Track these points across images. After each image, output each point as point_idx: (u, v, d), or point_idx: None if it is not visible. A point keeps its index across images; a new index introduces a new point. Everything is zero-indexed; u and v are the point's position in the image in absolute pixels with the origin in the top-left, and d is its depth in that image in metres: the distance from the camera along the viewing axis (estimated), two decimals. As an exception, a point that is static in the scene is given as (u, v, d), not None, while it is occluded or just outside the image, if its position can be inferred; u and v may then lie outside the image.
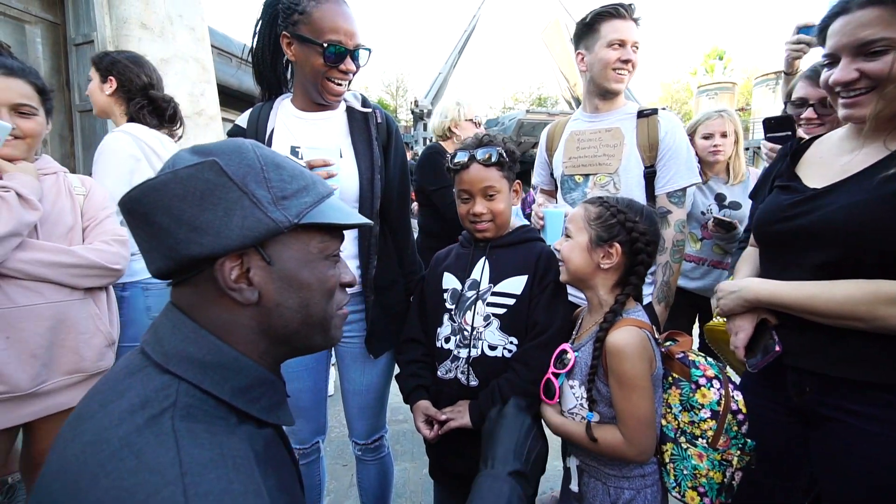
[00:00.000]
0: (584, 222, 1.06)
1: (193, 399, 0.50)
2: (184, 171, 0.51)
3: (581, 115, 1.71)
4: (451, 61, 22.56)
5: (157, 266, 0.55)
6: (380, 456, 1.47)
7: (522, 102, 41.64)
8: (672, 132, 1.53)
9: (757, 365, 1.03)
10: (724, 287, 1.12)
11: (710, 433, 0.99)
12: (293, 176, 0.58)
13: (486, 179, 1.14)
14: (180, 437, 0.45)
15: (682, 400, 1.03)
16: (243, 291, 0.55)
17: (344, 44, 1.14)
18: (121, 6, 6.01)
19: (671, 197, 1.54)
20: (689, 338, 1.12)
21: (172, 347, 0.53)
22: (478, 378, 1.14)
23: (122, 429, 0.45)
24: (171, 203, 0.51)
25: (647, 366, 0.97)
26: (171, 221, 0.51)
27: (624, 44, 1.52)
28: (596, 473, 1.05)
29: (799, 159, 1.10)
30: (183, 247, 0.52)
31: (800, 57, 1.63)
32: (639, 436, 0.96)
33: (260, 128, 1.24)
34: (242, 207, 0.53)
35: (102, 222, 1.37)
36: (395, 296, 1.34)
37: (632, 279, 1.05)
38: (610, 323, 1.00)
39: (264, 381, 0.58)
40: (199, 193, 0.51)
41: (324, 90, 1.19)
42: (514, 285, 1.15)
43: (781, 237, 1.02)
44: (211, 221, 0.52)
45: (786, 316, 0.99)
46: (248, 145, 0.57)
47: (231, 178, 0.52)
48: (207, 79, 6.86)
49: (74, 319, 1.24)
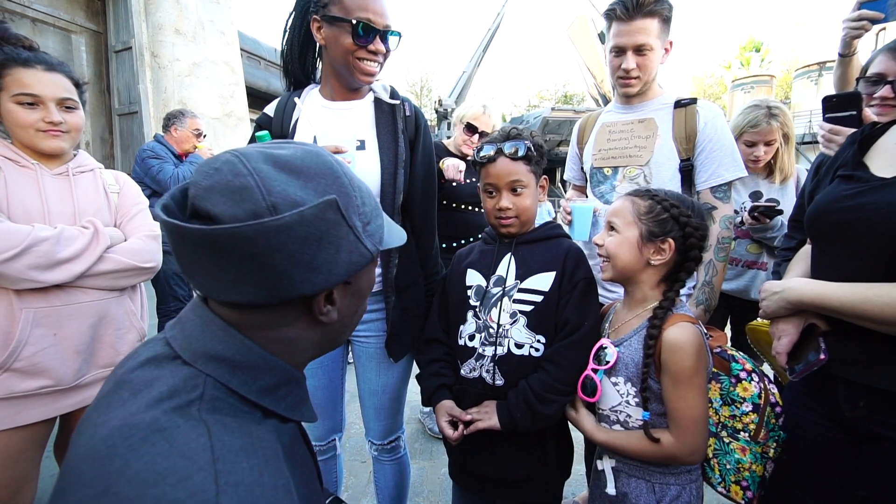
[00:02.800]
0: (633, 216, 1.01)
1: (220, 393, 0.49)
2: (309, 213, 0.48)
3: (614, 106, 1.64)
4: (476, 59, 22.48)
5: (244, 298, 0.50)
6: (396, 457, 1.44)
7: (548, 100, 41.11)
8: (713, 122, 1.43)
9: (798, 373, 0.95)
10: (767, 287, 1.05)
11: (752, 426, 0.98)
12: (368, 196, 0.58)
13: (512, 173, 1.10)
14: (211, 426, 0.45)
15: (722, 394, 1.02)
16: (330, 313, 0.56)
17: (374, 22, 1.12)
18: (156, 13, 6.27)
19: (716, 192, 1.44)
20: (723, 333, 1.08)
21: (201, 346, 0.52)
22: (504, 377, 1.10)
23: (151, 414, 0.44)
24: (293, 246, 0.48)
25: (705, 363, 0.93)
26: (289, 264, 0.48)
27: (622, 51, 1.42)
28: (638, 472, 1.01)
29: (869, 147, 0.98)
30: (296, 287, 0.50)
31: (860, 36, 1.44)
32: (693, 436, 0.92)
33: (286, 117, 1.24)
34: (349, 242, 0.52)
35: (135, 217, 1.38)
36: (415, 297, 1.31)
37: (681, 275, 1.01)
38: (662, 319, 0.96)
39: (291, 380, 0.57)
40: (319, 234, 0.49)
41: (355, 70, 1.16)
42: (541, 282, 1.11)
43: (835, 231, 0.93)
44: (325, 260, 0.50)
45: (837, 321, 0.90)
46: (335, 164, 0.55)
47: (344, 216, 0.51)
48: (236, 81, 7.07)
49: (113, 316, 1.29)
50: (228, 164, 0.49)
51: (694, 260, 1.00)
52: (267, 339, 0.54)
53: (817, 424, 0.98)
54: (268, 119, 1.27)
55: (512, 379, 1.09)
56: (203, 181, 0.49)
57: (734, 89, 25.78)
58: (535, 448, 1.10)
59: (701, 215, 1.01)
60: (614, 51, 1.44)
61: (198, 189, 0.49)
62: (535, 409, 1.02)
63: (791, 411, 1.01)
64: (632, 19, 1.38)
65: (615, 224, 1.03)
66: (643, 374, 0.96)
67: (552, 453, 1.12)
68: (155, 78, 6.32)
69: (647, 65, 1.43)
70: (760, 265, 1.93)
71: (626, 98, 1.54)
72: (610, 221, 1.05)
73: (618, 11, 1.39)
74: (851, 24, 1.42)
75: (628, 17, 1.38)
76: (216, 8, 6.94)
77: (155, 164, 2.94)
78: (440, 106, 18.80)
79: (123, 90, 6.53)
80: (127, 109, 6.38)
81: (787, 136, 1.89)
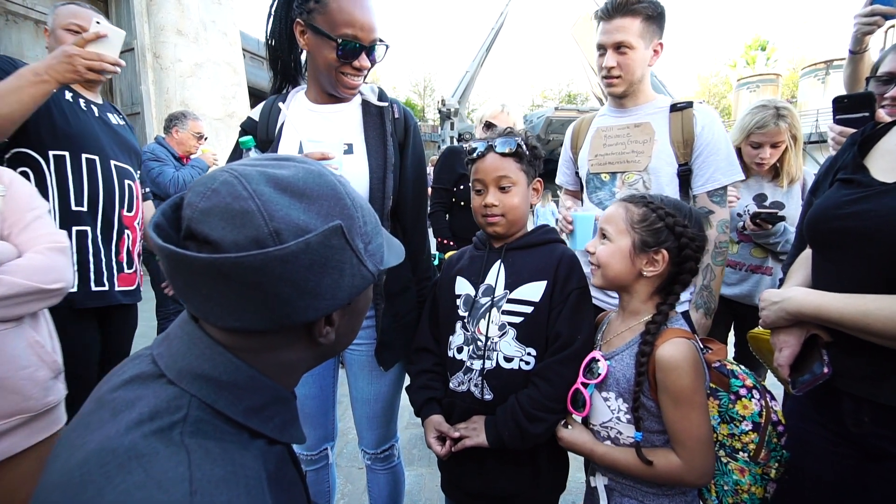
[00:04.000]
0: (626, 224, 0.96)
1: (204, 414, 0.47)
2: (314, 241, 0.46)
3: (608, 110, 1.61)
4: (479, 59, 22.45)
5: (242, 325, 0.48)
6: (390, 465, 1.42)
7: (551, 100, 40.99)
8: (709, 126, 1.41)
9: (800, 388, 0.91)
10: (766, 297, 1.01)
11: (752, 446, 0.93)
12: (369, 214, 0.56)
13: (500, 169, 1.07)
14: (192, 452, 0.43)
15: (720, 411, 0.97)
16: (329, 335, 0.55)
17: (360, 39, 1.08)
18: (158, 14, 6.29)
19: (712, 196, 1.42)
20: (723, 346, 1.03)
21: (187, 364, 0.50)
22: (492, 392, 1.07)
23: (130, 438, 0.42)
24: (298, 274, 0.46)
25: (702, 379, 0.89)
26: (293, 291, 0.46)
27: (604, 49, 1.43)
28: (631, 492, 0.97)
29: (870, 149, 0.94)
30: (299, 314, 0.48)
31: (872, 31, 1.39)
32: (701, 457, 0.87)
33: (272, 121, 1.21)
34: (352, 266, 0.50)
35: (31, 226, 1.06)
36: (406, 303, 1.28)
37: (676, 288, 0.96)
38: (654, 335, 0.92)
39: (279, 399, 0.55)
40: (323, 261, 0.47)
41: (338, 84, 1.14)
42: (531, 292, 1.07)
43: (835, 238, 0.89)
44: (329, 286, 0.48)
45: (840, 333, 0.86)
46: (338, 185, 0.53)
47: (348, 240, 0.49)
48: (238, 81, 7.08)
49: (10, 353, 0.99)
50: (227, 186, 0.46)
51: (689, 272, 0.95)
52: (260, 362, 0.53)
53: (822, 438, 0.93)
54: (252, 123, 1.24)
55: (501, 393, 1.06)
56: (199, 202, 0.46)
57: (739, 88, 25.58)
58: (526, 464, 1.07)
59: (699, 225, 0.97)
60: (598, 50, 1.46)
61: (194, 210, 0.47)
62: (524, 427, 0.99)
63: (794, 424, 0.97)
64: (612, 18, 1.39)
65: (607, 231, 0.99)
66: (635, 392, 0.92)
67: (545, 469, 1.09)
68: (157, 79, 6.34)
69: (629, 64, 1.41)
70: (765, 270, 1.88)
71: (619, 100, 1.52)
72: (602, 228, 1.01)
73: (599, 12, 1.43)
74: (863, 20, 1.37)
75: (608, 16, 1.40)
76: (218, 8, 6.95)
77: (155, 167, 2.94)
78: (443, 105, 18.76)
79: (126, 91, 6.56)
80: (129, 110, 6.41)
81: (795, 138, 1.83)
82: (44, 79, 1.22)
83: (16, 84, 1.20)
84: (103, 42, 1.29)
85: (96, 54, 1.27)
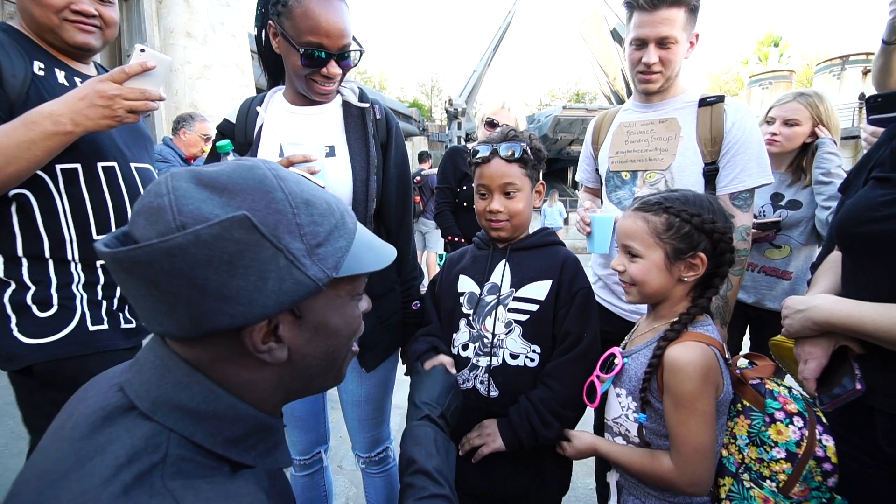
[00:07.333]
0: (651, 237, 0.92)
1: (185, 451, 0.44)
2: (206, 233, 0.41)
3: (633, 104, 1.52)
4: (486, 58, 22.41)
5: (167, 331, 0.46)
6: (385, 469, 1.39)
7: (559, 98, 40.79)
8: (741, 123, 1.30)
9: (829, 404, 0.85)
10: (790, 304, 0.93)
11: (783, 477, 0.84)
12: (323, 214, 0.50)
13: (505, 175, 1.06)
14: (179, 496, 0.40)
15: (750, 432, 0.89)
16: (273, 351, 0.49)
17: (326, 47, 1.02)
18: (168, 17, 6.37)
19: (735, 199, 1.31)
20: (771, 364, 0.95)
21: (162, 394, 0.46)
22: (498, 388, 1.06)
23: (109, 492, 0.38)
24: (192, 272, 0.42)
25: (712, 388, 0.85)
26: (192, 291, 0.42)
27: (644, 43, 1.31)
28: (636, 492, 0.96)
29: None
30: (208, 319, 0.44)
31: None
32: (692, 465, 0.85)
33: (249, 123, 1.17)
34: (278, 268, 0.45)
35: None
36: (391, 305, 1.25)
37: (715, 281, 0.94)
38: (675, 334, 0.89)
39: (263, 428, 0.52)
40: (227, 258, 0.42)
41: (310, 90, 1.11)
42: (536, 290, 1.06)
43: (868, 242, 0.82)
44: (242, 288, 0.44)
45: (873, 345, 0.79)
46: (271, 178, 0.48)
47: (263, 234, 0.44)
48: (247, 83, 7.12)
49: None
50: (155, 186, 0.45)
51: (728, 263, 0.92)
52: (225, 381, 0.49)
53: (851, 458, 0.85)
54: (229, 126, 1.19)
55: (507, 390, 1.05)
56: (136, 205, 0.46)
57: (751, 85, 25.12)
58: (531, 466, 1.06)
59: (723, 214, 0.93)
60: (635, 43, 1.33)
61: (131, 214, 0.47)
62: (539, 430, 1.00)
63: None
64: (656, 9, 1.26)
65: (633, 248, 0.94)
66: (642, 389, 0.91)
67: (550, 471, 1.08)
68: (166, 81, 6.41)
69: (671, 59, 1.31)
70: (781, 273, 1.78)
71: (646, 96, 1.42)
72: (626, 245, 0.96)
73: (640, 1, 1.27)
74: None
75: (652, 6, 1.26)
76: (227, 11, 7.01)
77: (162, 169, 2.97)
78: (450, 105, 18.76)
79: (137, 93, 6.64)
80: (140, 113, 6.49)
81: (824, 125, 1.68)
82: (67, 129, 0.93)
83: (26, 137, 0.90)
84: (149, 75, 0.98)
85: (140, 91, 0.97)
